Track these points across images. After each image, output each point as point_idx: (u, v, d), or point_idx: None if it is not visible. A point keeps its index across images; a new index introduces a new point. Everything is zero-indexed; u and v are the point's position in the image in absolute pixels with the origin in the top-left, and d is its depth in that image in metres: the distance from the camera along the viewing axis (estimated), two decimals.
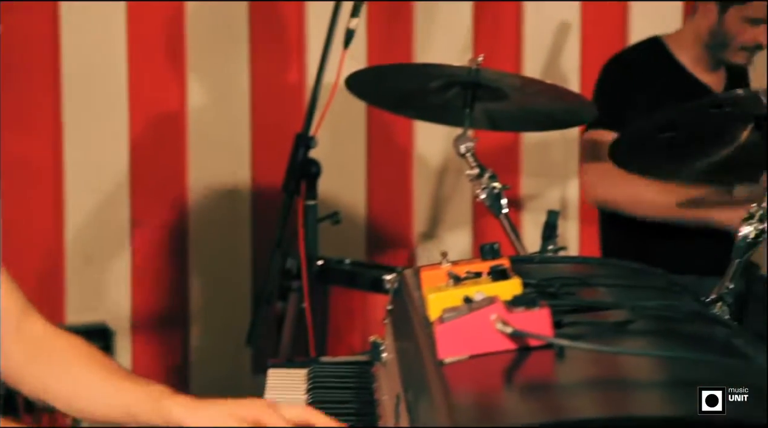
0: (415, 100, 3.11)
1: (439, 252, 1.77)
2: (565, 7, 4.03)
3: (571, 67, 4.05)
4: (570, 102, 3.06)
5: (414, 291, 1.81)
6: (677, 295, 1.81)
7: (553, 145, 4.06)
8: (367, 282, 3.10)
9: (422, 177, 4.09)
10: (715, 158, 2.78)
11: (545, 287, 1.72)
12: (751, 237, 2.57)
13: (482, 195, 2.91)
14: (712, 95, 3.29)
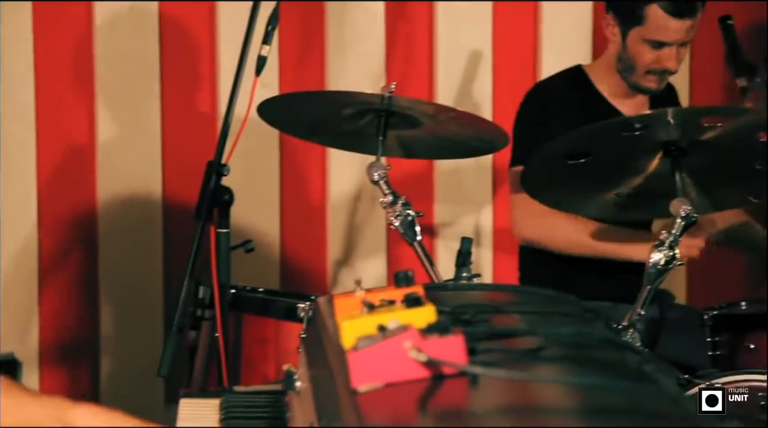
0: (328, 127, 3.10)
1: (354, 279, 1.76)
2: (476, 36, 4.06)
3: (483, 94, 4.08)
4: (482, 129, 3.08)
5: (328, 319, 1.80)
6: (589, 322, 1.82)
7: (467, 172, 4.08)
8: (281, 311, 3.08)
9: (336, 204, 4.08)
10: (626, 189, 2.80)
11: (459, 314, 1.71)
12: (662, 264, 2.60)
13: (396, 222, 2.91)
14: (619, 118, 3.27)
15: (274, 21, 3.12)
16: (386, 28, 4.04)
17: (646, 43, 3.27)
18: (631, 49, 3.30)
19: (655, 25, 3.24)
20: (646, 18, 3.24)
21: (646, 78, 3.32)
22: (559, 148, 2.71)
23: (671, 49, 3.27)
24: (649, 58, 3.28)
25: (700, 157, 2.68)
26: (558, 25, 4.04)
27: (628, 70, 3.32)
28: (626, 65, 3.32)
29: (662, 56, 3.28)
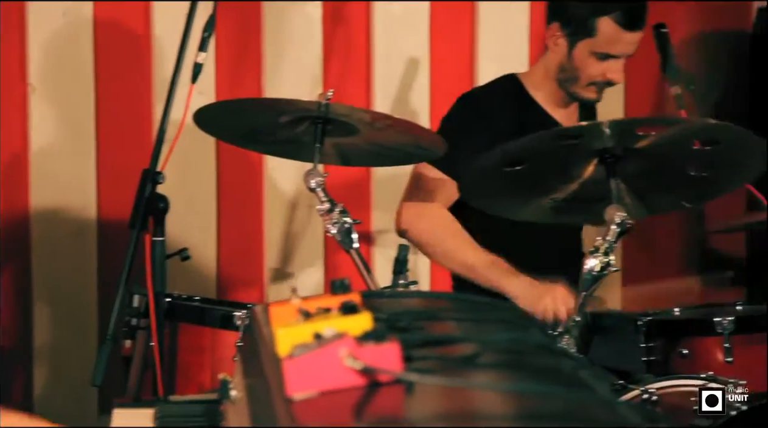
0: (265, 134, 3.09)
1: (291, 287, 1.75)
2: (414, 44, 4.07)
3: (420, 102, 4.08)
4: (419, 137, 3.08)
5: (264, 327, 1.79)
6: (525, 328, 1.83)
7: (404, 179, 4.07)
8: (217, 320, 3.07)
9: (273, 212, 4.07)
10: (561, 194, 2.82)
11: (395, 322, 1.71)
12: (597, 270, 2.62)
13: (333, 230, 2.91)
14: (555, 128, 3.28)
15: (211, 28, 3.11)
16: (324, 35, 4.04)
17: (594, 55, 3.26)
18: (577, 60, 3.29)
19: (607, 38, 3.24)
20: (598, 30, 3.24)
21: (588, 89, 3.31)
22: (495, 157, 2.72)
23: (618, 62, 3.26)
24: (595, 71, 3.27)
25: (635, 164, 2.70)
26: (495, 31, 4.06)
27: (571, 80, 3.32)
28: (569, 76, 3.32)
29: (609, 69, 3.26)
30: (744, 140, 2.73)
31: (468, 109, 3.37)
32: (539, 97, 3.38)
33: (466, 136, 3.26)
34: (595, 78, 3.28)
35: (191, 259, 3.19)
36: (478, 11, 4.06)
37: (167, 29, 3.86)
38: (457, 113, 3.38)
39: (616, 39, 3.23)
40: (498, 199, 2.89)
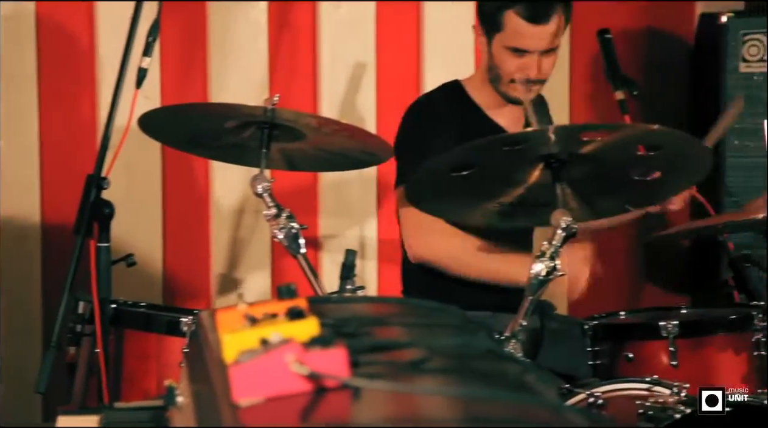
0: (211, 139, 3.08)
1: (237, 293, 1.75)
2: (360, 48, 4.07)
3: (367, 107, 4.09)
4: (366, 142, 3.08)
5: (210, 333, 1.78)
6: (472, 333, 1.83)
7: (351, 184, 4.09)
8: (163, 326, 3.05)
9: (220, 217, 4.05)
10: (508, 198, 2.83)
11: (342, 327, 1.71)
12: (543, 275, 2.63)
13: (280, 235, 2.90)
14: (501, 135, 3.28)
15: (155, 32, 3.10)
16: (269, 40, 4.04)
17: (507, 50, 3.25)
18: (495, 57, 3.28)
19: (513, 32, 3.23)
20: (504, 24, 3.24)
21: (512, 87, 3.28)
22: (442, 162, 2.73)
23: (532, 57, 3.24)
24: (511, 66, 3.25)
25: (580, 169, 2.72)
26: (441, 35, 4.07)
27: (496, 79, 3.30)
28: (494, 75, 3.30)
29: (524, 64, 3.24)
30: (687, 145, 2.75)
31: (418, 117, 3.37)
32: (481, 101, 3.38)
33: (421, 145, 3.26)
34: (513, 74, 3.26)
35: (137, 265, 3.17)
36: (424, 15, 4.07)
37: (112, 33, 3.83)
38: (408, 123, 3.38)
39: (522, 33, 3.22)
40: (445, 203, 2.89)
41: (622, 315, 3.08)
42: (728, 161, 3.85)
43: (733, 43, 3.82)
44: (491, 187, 2.79)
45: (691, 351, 2.88)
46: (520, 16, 3.21)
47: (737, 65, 3.82)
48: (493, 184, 2.79)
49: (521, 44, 3.22)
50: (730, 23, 3.83)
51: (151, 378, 3.04)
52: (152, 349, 3.04)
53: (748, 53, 3.82)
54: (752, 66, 3.83)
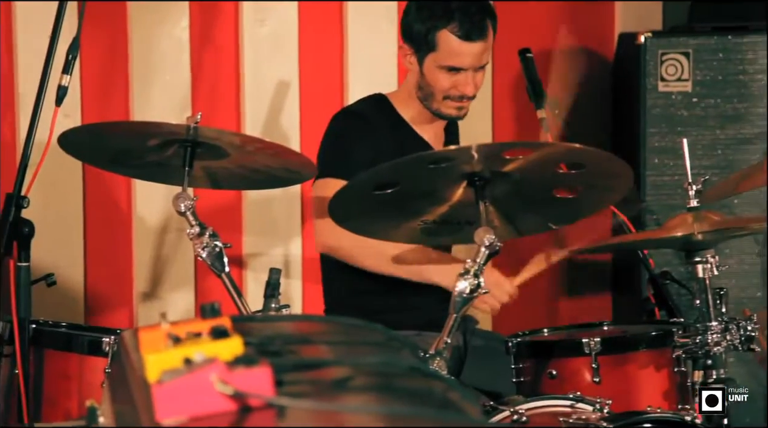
0: (133, 158, 3.06)
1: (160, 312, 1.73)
2: (283, 66, 4.07)
3: (291, 125, 4.08)
4: (290, 160, 3.08)
5: (133, 353, 1.76)
6: (397, 351, 1.83)
7: (275, 202, 4.08)
8: (85, 346, 3.02)
9: (142, 236, 4.02)
10: (432, 216, 2.84)
11: (267, 346, 1.70)
12: (467, 293, 2.64)
13: (203, 253, 2.88)
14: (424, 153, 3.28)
15: (75, 50, 3.07)
16: (192, 58, 4.02)
17: (441, 69, 3.28)
18: (428, 76, 3.31)
19: (448, 51, 3.26)
20: (438, 44, 3.27)
21: (445, 104, 3.31)
22: (365, 179, 2.73)
23: (467, 74, 3.27)
24: (445, 84, 3.28)
25: (503, 187, 2.74)
26: (364, 53, 4.08)
27: (428, 97, 3.33)
28: (426, 93, 3.33)
29: (458, 82, 3.27)
30: (608, 163, 2.79)
31: (346, 120, 3.37)
32: (407, 117, 3.40)
33: (347, 143, 3.27)
34: (448, 92, 3.29)
35: (58, 284, 3.14)
36: (347, 33, 4.08)
37: (32, 51, 3.79)
38: (336, 124, 3.37)
39: (456, 51, 3.25)
40: (368, 221, 2.90)
41: (545, 333, 3.10)
42: (648, 179, 3.90)
43: (652, 62, 3.88)
44: (414, 204, 2.80)
45: (613, 368, 2.91)
46: (455, 34, 3.23)
47: (656, 84, 3.87)
48: (417, 201, 2.79)
49: (457, 63, 3.25)
50: (648, 43, 3.88)
51: (72, 398, 3.00)
52: (73, 369, 3.00)
53: (666, 72, 3.88)
54: (670, 85, 3.88)
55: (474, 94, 3.31)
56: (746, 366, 3.72)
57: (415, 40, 3.30)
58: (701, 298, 2.87)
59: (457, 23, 3.23)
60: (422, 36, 3.27)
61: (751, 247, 3.89)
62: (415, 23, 3.30)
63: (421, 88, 3.33)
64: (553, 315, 4.23)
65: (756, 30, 3.90)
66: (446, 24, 3.24)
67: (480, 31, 3.24)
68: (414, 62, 3.32)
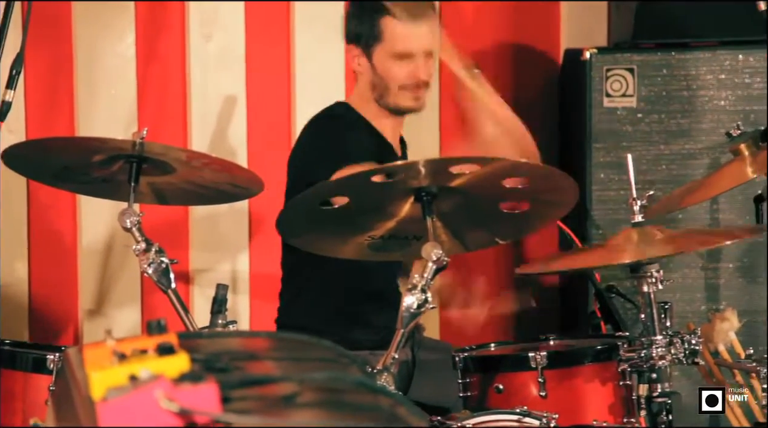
0: (79, 174, 3.04)
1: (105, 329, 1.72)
2: (230, 81, 4.06)
3: (238, 140, 4.07)
4: (237, 175, 3.07)
5: (77, 370, 1.75)
6: (344, 367, 1.83)
7: (222, 218, 4.07)
8: (29, 363, 2.98)
9: (87, 252, 4.00)
10: (379, 232, 2.85)
11: (213, 362, 1.69)
12: (414, 308, 2.64)
13: (150, 270, 2.87)
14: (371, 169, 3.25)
15: (19, 65, 3.05)
16: (137, 73, 4.00)
17: (392, 58, 3.28)
18: (380, 69, 3.31)
19: (394, 37, 3.26)
20: (384, 33, 3.28)
21: (402, 95, 3.31)
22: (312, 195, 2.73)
23: (418, 60, 3.27)
24: (399, 73, 3.28)
25: (450, 202, 2.74)
26: (311, 66, 4.08)
27: (384, 93, 3.32)
28: (380, 89, 3.32)
29: (411, 68, 3.28)
30: (554, 179, 2.80)
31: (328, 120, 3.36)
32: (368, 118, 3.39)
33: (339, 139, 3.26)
34: (403, 81, 3.29)
35: (1, 301, 3.11)
36: (293, 48, 4.08)
37: None
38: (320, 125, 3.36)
39: (403, 35, 3.26)
40: (316, 237, 2.89)
41: (492, 347, 3.11)
42: (594, 194, 3.93)
43: (597, 78, 3.91)
44: (362, 220, 2.80)
45: (560, 382, 2.92)
46: (398, 18, 3.25)
47: (601, 100, 3.90)
48: (364, 217, 2.80)
49: (406, 47, 3.26)
50: (593, 59, 3.91)
51: (16, 417, 2.97)
52: (18, 387, 2.97)
53: (611, 88, 3.91)
54: (615, 101, 3.92)
55: (427, 80, 3.30)
56: (691, 379, 3.76)
57: (360, 37, 3.31)
58: (646, 312, 2.89)
59: (398, 7, 3.24)
60: (366, 28, 3.28)
61: (695, 262, 3.92)
62: (357, 19, 3.31)
63: (375, 86, 3.33)
64: (501, 329, 4.24)
65: (699, 47, 3.95)
66: (387, 11, 3.25)
67: (423, 11, 3.25)
68: (364, 62, 3.33)
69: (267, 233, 3.87)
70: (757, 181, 3.34)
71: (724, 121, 3.85)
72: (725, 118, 3.87)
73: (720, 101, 3.92)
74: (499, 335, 4.10)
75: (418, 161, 2.63)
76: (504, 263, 4.13)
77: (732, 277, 3.93)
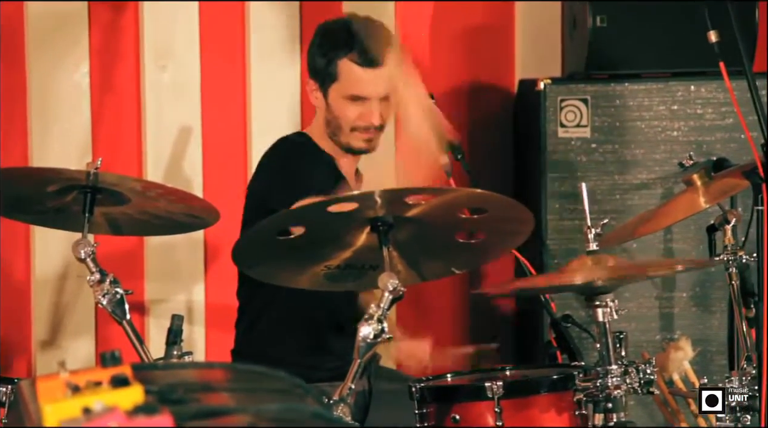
0: (32, 204, 3.02)
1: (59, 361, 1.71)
2: (185, 111, 4.05)
3: (194, 170, 4.06)
4: (192, 205, 3.06)
5: (30, 403, 1.73)
6: (300, 398, 1.82)
7: (177, 248, 4.05)
8: None
9: (41, 283, 3.97)
10: (335, 261, 2.84)
11: (168, 394, 1.68)
12: (371, 338, 2.64)
13: (104, 300, 2.85)
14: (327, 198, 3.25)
15: None
16: (92, 103, 3.99)
17: (345, 99, 3.27)
18: (334, 108, 3.30)
19: (349, 79, 3.26)
20: (340, 73, 3.27)
21: (354, 136, 3.30)
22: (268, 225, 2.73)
23: (371, 103, 3.27)
24: (351, 115, 3.28)
25: (406, 232, 2.75)
26: (267, 98, 4.08)
27: (336, 131, 3.32)
28: (333, 127, 3.32)
29: (364, 111, 3.27)
30: (510, 208, 2.81)
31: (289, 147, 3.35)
32: (327, 150, 3.39)
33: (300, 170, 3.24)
34: (355, 122, 3.28)
35: None
36: (249, 78, 4.08)
37: None
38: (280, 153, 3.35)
39: (357, 79, 3.26)
40: (272, 267, 2.89)
41: (448, 378, 3.11)
42: (549, 224, 3.94)
43: (552, 108, 3.93)
44: (318, 249, 2.80)
45: (516, 412, 2.92)
46: (354, 62, 3.25)
47: (556, 130, 3.93)
48: (321, 246, 2.79)
49: (359, 91, 3.26)
50: (547, 89, 3.94)
51: None
52: None
53: (565, 118, 3.94)
54: (569, 131, 3.94)
55: (381, 124, 3.30)
56: (646, 408, 3.77)
57: (318, 73, 3.31)
58: (602, 342, 2.90)
59: (357, 51, 3.24)
60: (324, 67, 3.28)
61: (649, 291, 3.95)
62: (317, 56, 3.31)
63: (328, 123, 3.33)
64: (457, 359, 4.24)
65: (651, 78, 3.98)
66: (346, 52, 3.25)
67: (378, 57, 3.25)
68: (320, 97, 3.33)
69: (223, 263, 3.87)
70: (710, 211, 3.37)
71: (677, 151, 3.88)
72: (678, 149, 3.90)
73: (673, 132, 3.96)
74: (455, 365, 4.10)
75: (374, 191, 2.63)
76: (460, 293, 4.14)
77: (686, 307, 3.96)
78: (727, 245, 3.28)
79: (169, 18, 4.03)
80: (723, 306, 3.86)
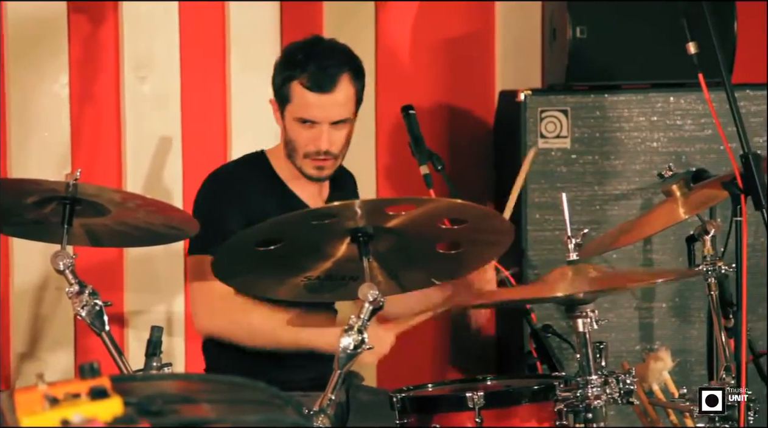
0: (10, 216, 3.01)
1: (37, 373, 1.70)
2: (165, 122, 4.05)
3: (173, 181, 4.06)
4: (172, 216, 3.05)
5: (8, 415, 1.72)
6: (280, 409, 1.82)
7: (157, 259, 4.04)
8: None
9: (20, 294, 3.95)
10: (315, 272, 2.84)
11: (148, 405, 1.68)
12: (351, 349, 2.64)
13: (83, 312, 2.84)
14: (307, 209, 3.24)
15: None
16: (71, 114, 3.98)
17: (297, 122, 3.24)
18: (289, 130, 3.27)
19: (299, 102, 3.23)
20: (292, 96, 3.25)
21: (306, 163, 3.26)
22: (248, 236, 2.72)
23: (321, 128, 3.22)
24: (302, 139, 3.24)
25: (386, 243, 2.75)
26: (246, 108, 4.08)
27: (292, 154, 3.28)
28: (289, 149, 3.29)
29: (314, 136, 3.23)
30: (490, 219, 2.82)
31: (216, 186, 3.35)
32: (283, 174, 3.36)
33: (218, 214, 3.24)
34: (306, 147, 3.24)
35: None
36: (229, 89, 4.08)
37: None
38: (206, 191, 3.36)
39: (306, 103, 3.22)
40: (252, 278, 2.88)
41: (429, 388, 3.11)
42: (530, 235, 3.95)
43: (532, 119, 3.94)
44: (298, 260, 2.80)
45: (497, 422, 2.92)
46: (304, 86, 3.22)
47: (536, 141, 3.93)
48: (300, 258, 2.79)
49: (308, 115, 3.23)
50: (528, 100, 3.95)
51: None
52: None
53: (545, 129, 3.94)
54: (550, 142, 3.95)
55: (330, 150, 3.24)
56: (626, 418, 3.78)
57: (276, 93, 3.30)
58: (582, 352, 2.90)
59: (308, 74, 3.22)
60: (279, 88, 3.27)
61: (629, 302, 3.95)
62: (276, 76, 3.30)
63: (286, 145, 3.31)
64: (438, 369, 4.24)
65: (631, 89, 4.00)
66: (299, 75, 3.23)
67: (331, 82, 3.21)
68: (278, 118, 3.32)
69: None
70: (689, 221, 3.38)
71: (657, 162, 3.89)
72: (657, 160, 3.91)
73: (652, 143, 3.97)
74: (436, 375, 4.10)
75: (354, 202, 2.63)
76: None
77: (665, 317, 3.97)
78: (706, 255, 3.29)
79: (148, 29, 4.03)
80: (702, 317, 3.87)
